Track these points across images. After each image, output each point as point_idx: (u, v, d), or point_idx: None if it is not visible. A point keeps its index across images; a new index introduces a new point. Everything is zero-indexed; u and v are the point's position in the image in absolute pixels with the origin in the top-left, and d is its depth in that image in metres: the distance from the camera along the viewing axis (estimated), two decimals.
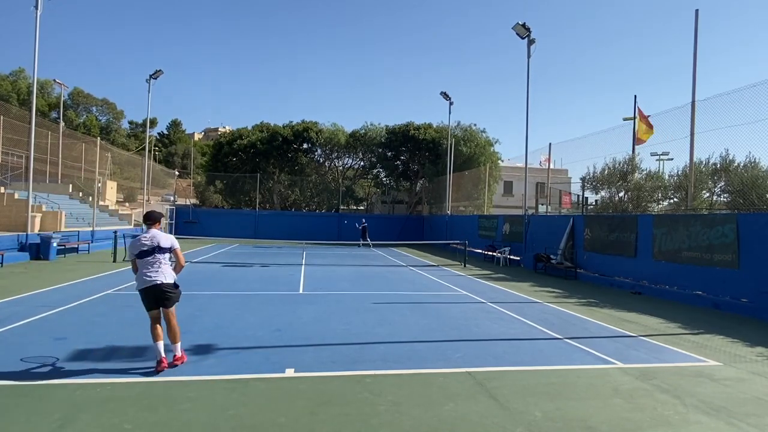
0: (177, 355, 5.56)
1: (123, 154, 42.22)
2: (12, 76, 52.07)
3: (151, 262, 5.51)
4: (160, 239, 5.59)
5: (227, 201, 39.18)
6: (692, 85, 13.76)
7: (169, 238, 5.72)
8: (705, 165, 14.69)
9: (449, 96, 29.39)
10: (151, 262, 5.51)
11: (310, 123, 38.81)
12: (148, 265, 5.50)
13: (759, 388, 5.45)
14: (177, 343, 5.57)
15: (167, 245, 5.63)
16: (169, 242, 5.67)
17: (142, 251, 5.50)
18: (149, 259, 5.51)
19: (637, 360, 6.48)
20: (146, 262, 5.51)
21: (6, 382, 4.86)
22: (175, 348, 5.56)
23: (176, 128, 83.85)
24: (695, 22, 13.73)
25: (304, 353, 6.28)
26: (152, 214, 5.81)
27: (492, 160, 34.25)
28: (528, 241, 19.85)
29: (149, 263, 5.51)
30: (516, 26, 18.90)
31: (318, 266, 17.37)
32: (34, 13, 16.56)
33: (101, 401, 4.45)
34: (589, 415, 4.52)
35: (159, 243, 5.56)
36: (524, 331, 8.08)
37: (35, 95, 18.55)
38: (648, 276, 13.26)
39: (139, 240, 5.57)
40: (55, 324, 7.40)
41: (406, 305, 10.10)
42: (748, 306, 10.14)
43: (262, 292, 11.12)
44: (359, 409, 4.47)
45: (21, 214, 18.32)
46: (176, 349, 5.56)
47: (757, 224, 10.34)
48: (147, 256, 5.51)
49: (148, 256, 5.51)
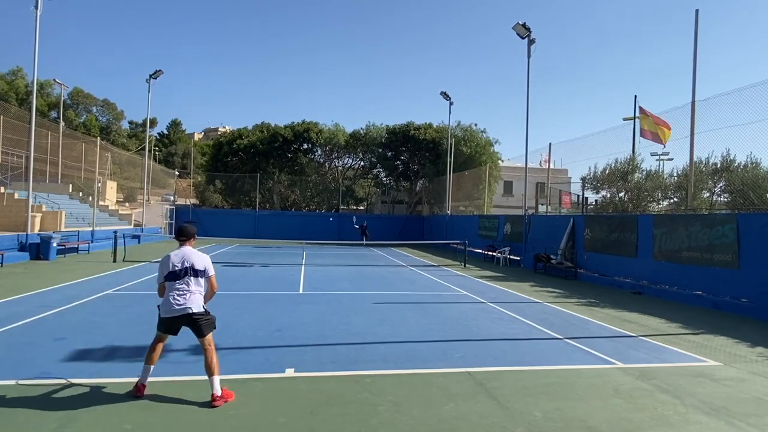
0: (216, 393, 4.51)
1: (123, 154, 42.23)
2: (10, 75, 52.00)
3: (181, 287, 4.67)
4: (194, 260, 4.76)
5: (227, 201, 39.19)
6: (692, 85, 13.77)
7: (204, 259, 4.85)
8: (705, 165, 14.69)
9: (449, 96, 29.38)
10: (180, 286, 4.67)
11: (311, 123, 38.83)
12: (177, 289, 4.66)
13: (759, 388, 5.45)
14: (215, 376, 4.58)
15: (201, 267, 4.77)
16: (203, 264, 4.81)
17: (171, 272, 4.68)
18: (179, 283, 4.68)
19: (637, 360, 6.47)
20: (175, 286, 4.67)
21: (6, 382, 4.85)
22: (213, 383, 4.55)
23: (176, 128, 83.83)
24: (695, 22, 13.74)
25: (304, 353, 6.28)
26: (186, 229, 4.95)
27: (492, 160, 34.25)
28: (528, 241, 19.84)
29: (178, 287, 4.66)
30: (516, 26, 18.91)
31: (318, 266, 17.37)
32: (34, 13, 16.57)
33: (101, 401, 4.45)
34: (589, 415, 4.52)
35: (193, 264, 4.74)
36: (524, 331, 8.07)
37: (35, 95, 18.54)
38: (648, 276, 13.26)
39: (169, 259, 4.73)
40: (55, 324, 7.40)
41: (406, 305, 10.10)
42: (748, 306, 10.13)
43: (262, 292, 11.11)
44: (359, 409, 4.47)
45: (21, 214, 18.33)
46: (214, 384, 4.55)
47: (757, 224, 10.33)
48: (176, 279, 4.67)
49: (178, 279, 4.68)
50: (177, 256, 4.76)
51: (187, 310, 4.63)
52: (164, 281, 4.71)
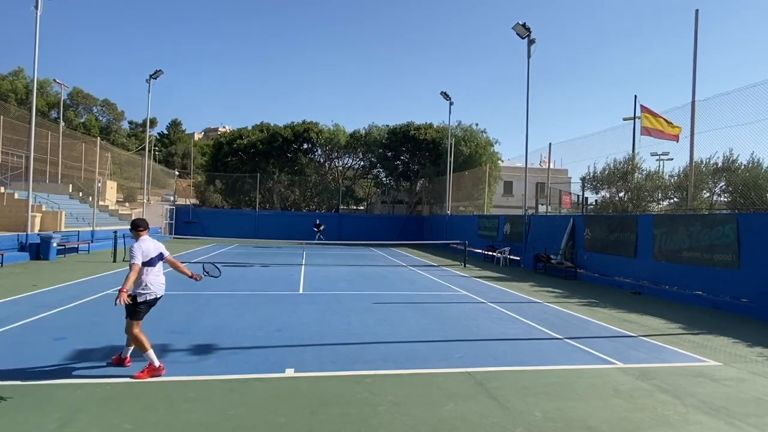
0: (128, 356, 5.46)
1: (123, 154, 42.24)
2: (11, 75, 52.03)
3: (159, 271, 5.35)
4: (160, 247, 5.46)
5: (227, 201, 39.18)
6: (692, 85, 13.78)
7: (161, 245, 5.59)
8: (705, 165, 14.69)
9: (449, 96, 29.39)
10: (158, 270, 5.34)
11: (311, 123, 38.83)
12: (159, 273, 5.35)
13: (759, 388, 5.45)
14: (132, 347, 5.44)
15: (165, 253, 5.49)
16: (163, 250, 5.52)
17: (153, 258, 5.28)
18: (157, 268, 5.34)
19: (637, 360, 6.47)
20: (156, 270, 5.31)
21: (6, 382, 4.85)
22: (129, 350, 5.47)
23: (176, 128, 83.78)
24: (695, 22, 13.74)
25: (304, 353, 6.28)
26: (143, 221, 5.55)
27: (492, 160, 34.26)
28: (528, 241, 19.84)
29: (158, 271, 5.34)
30: (516, 26, 18.91)
31: (318, 266, 17.37)
32: (34, 13, 16.57)
33: (101, 401, 4.45)
34: (589, 415, 4.52)
35: (161, 251, 5.42)
36: (524, 331, 8.07)
37: (35, 95, 18.54)
38: (648, 276, 13.26)
39: (148, 246, 5.30)
40: (55, 324, 7.40)
41: (406, 305, 10.10)
42: (748, 306, 10.14)
43: (262, 292, 11.11)
44: (359, 409, 4.47)
45: (21, 214, 18.32)
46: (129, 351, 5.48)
47: (757, 224, 10.34)
48: (154, 265, 5.31)
49: (155, 265, 5.32)
50: (151, 242, 5.34)
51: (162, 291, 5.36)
52: (144, 265, 5.16)
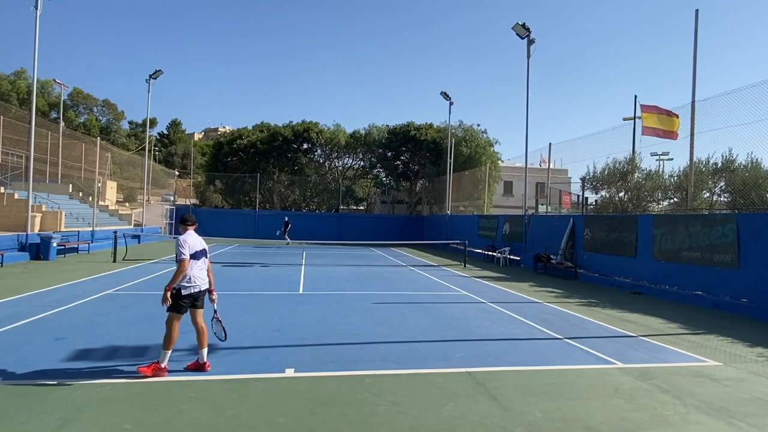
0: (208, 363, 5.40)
1: (123, 154, 42.30)
2: (13, 76, 52.08)
3: (203, 265, 5.40)
4: (204, 243, 5.54)
5: (227, 201, 39.19)
6: (692, 85, 13.81)
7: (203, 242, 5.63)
8: (705, 165, 14.68)
9: (449, 96, 29.40)
10: (202, 264, 5.39)
11: (311, 123, 38.84)
12: (202, 267, 5.39)
13: (759, 388, 5.45)
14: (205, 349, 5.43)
15: (207, 252, 5.57)
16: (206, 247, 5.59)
17: (198, 251, 5.34)
18: (201, 262, 5.38)
19: (637, 360, 6.48)
20: (200, 264, 5.36)
21: (6, 382, 4.86)
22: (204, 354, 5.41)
23: (176, 128, 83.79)
24: (695, 21, 13.75)
25: (304, 353, 6.28)
26: (191, 217, 5.67)
27: (492, 160, 34.27)
28: (528, 241, 19.84)
29: (202, 265, 5.39)
30: (516, 26, 18.92)
31: (318, 266, 17.37)
32: (34, 13, 16.58)
33: (101, 401, 4.45)
34: (589, 415, 4.52)
35: (205, 247, 5.52)
36: (524, 331, 8.07)
37: (35, 95, 18.54)
38: (648, 276, 13.26)
39: (193, 240, 5.37)
40: (55, 324, 7.40)
41: (406, 305, 10.10)
42: (748, 306, 10.14)
43: (262, 292, 11.11)
44: (359, 409, 4.47)
45: (21, 214, 18.34)
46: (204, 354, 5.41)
47: (757, 224, 10.34)
48: (198, 259, 5.34)
49: (199, 259, 5.35)
50: (196, 238, 5.43)
51: (206, 285, 5.43)
52: (189, 258, 5.20)
